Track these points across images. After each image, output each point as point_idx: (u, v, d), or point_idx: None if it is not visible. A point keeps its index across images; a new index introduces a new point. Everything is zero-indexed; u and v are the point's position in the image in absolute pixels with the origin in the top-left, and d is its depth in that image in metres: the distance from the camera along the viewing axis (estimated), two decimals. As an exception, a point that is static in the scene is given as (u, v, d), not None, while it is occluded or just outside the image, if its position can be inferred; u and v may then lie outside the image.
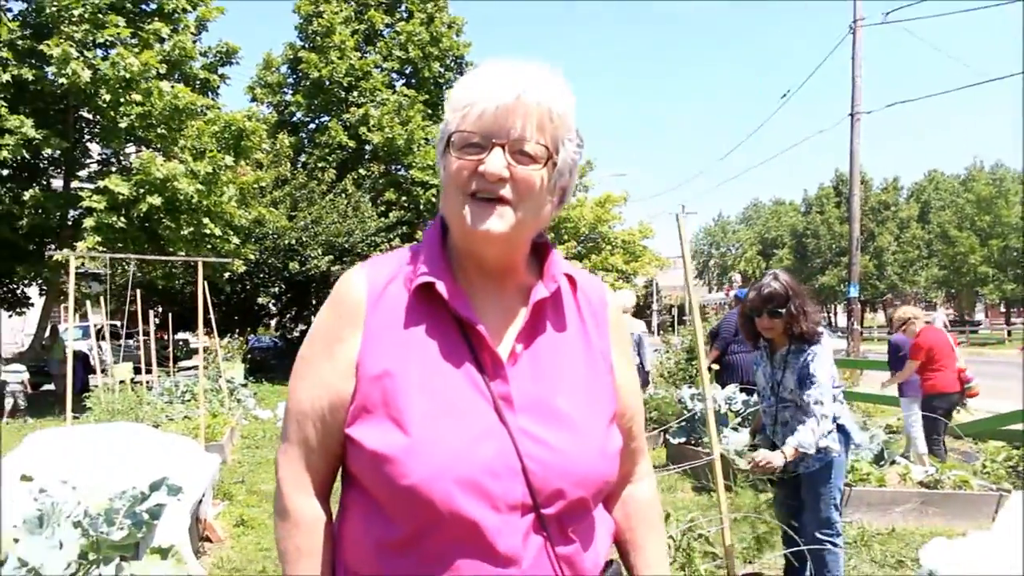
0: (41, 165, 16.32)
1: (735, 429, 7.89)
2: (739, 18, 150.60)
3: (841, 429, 4.14)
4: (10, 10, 14.80)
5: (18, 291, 19.10)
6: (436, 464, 1.16)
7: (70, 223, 15.47)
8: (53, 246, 15.66)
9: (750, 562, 4.91)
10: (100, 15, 13.94)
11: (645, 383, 9.47)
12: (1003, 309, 58.89)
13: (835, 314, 65.05)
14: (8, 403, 13.95)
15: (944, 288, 58.28)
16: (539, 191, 1.25)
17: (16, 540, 3.43)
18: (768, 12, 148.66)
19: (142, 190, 13.88)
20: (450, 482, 1.16)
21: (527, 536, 1.20)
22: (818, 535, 4.08)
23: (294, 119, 24.99)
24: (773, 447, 4.24)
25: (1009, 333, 46.19)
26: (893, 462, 6.94)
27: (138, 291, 13.81)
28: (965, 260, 48.80)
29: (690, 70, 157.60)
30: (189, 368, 18.25)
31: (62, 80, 13.22)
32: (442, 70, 25.22)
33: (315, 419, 1.30)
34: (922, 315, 8.59)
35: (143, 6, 16.14)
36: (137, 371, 13.06)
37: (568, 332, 1.36)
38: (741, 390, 8.57)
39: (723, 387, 8.66)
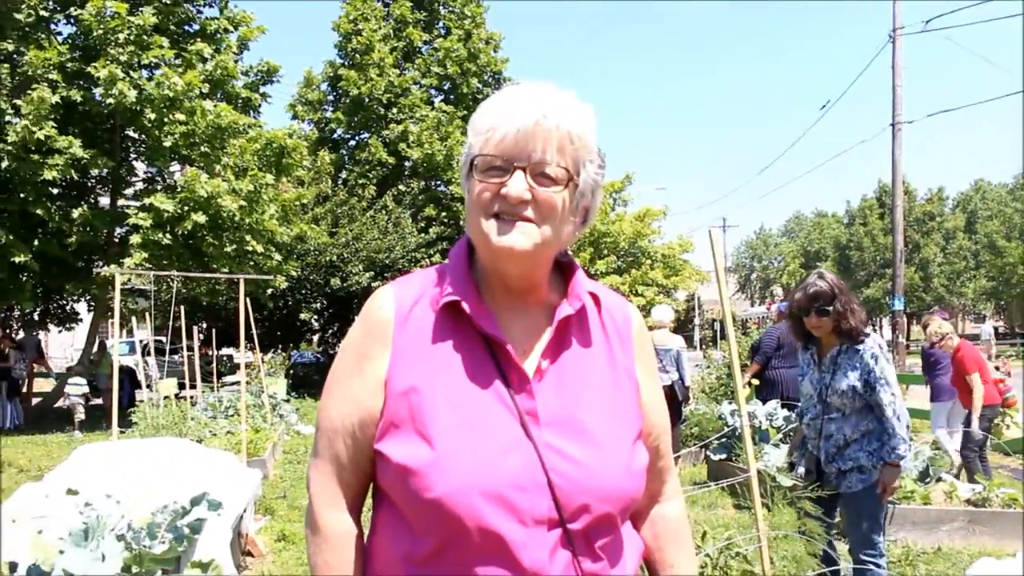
0: (89, 184, 16.66)
1: (776, 445, 7.80)
2: (777, 28, 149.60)
3: None
4: (60, 33, 15.20)
5: (67, 307, 19.50)
6: (461, 477, 1.18)
7: (117, 240, 15.77)
8: (101, 263, 15.98)
9: (790, 581, 4.85)
10: (145, 37, 14.24)
11: (686, 398, 9.40)
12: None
13: (880, 327, 64.13)
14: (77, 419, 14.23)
15: (993, 300, 57.15)
16: (561, 212, 1.28)
17: (61, 552, 3.50)
18: (807, 22, 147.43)
19: (187, 207, 14.13)
20: (476, 495, 1.17)
21: (554, 551, 1.21)
22: (862, 556, 4.02)
23: (334, 136, 25.27)
24: (817, 464, 4.23)
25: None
26: (939, 479, 6.81)
27: (182, 307, 14.04)
28: (1014, 271, 47.81)
29: (730, 81, 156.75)
30: (232, 383, 18.46)
31: (109, 100, 13.51)
32: (480, 86, 25.35)
33: (345, 435, 1.32)
34: (952, 334, 8.50)
35: (186, 27, 16.48)
36: (181, 386, 13.24)
37: (593, 349, 1.37)
38: (783, 406, 8.48)
39: (764, 403, 8.57)
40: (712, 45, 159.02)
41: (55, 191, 15.16)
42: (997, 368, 12.26)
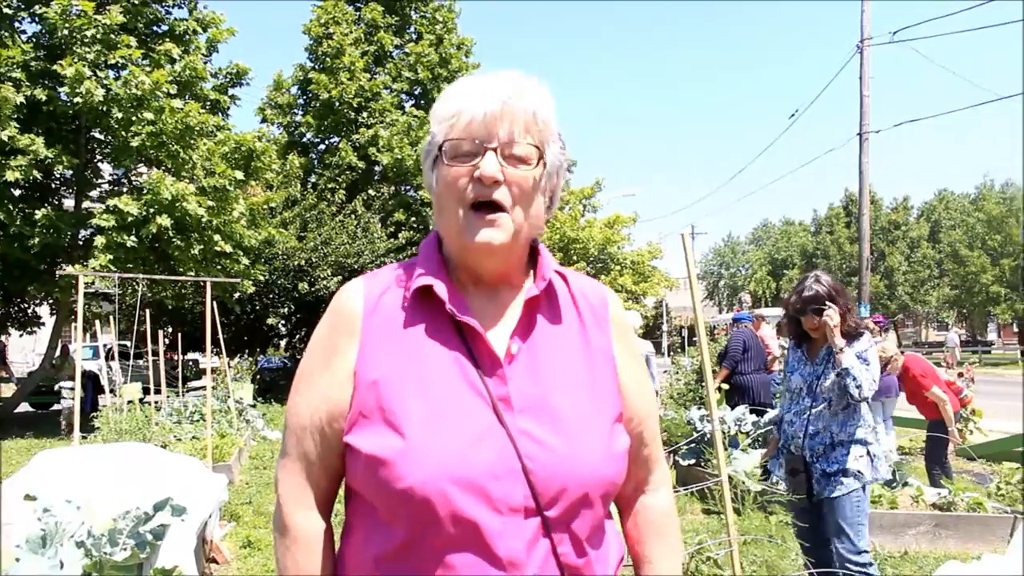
0: (53, 185, 16.38)
1: (745, 451, 7.83)
2: (748, 36, 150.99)
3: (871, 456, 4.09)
4: (24, 32, 14.94)
5: (29, 310, 19.15)
6: (433, 466, 1.15)
7: (81, 243, 15.53)
8: (64, 265, 15.73)
9: (760, 585, 4.84)
10: (112, 36, 14.03)
11: (654, 404, 9.41)
12: (1016, 329, 58.51)
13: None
14: (63, 421, 13.93)
15: (956, 308, 57.94)
16: (533, 192, 1.28)
17: (17, 559, 3.40)
18: (777, 31, 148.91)
19: (152, 210, 13.93)
20: (448, 484, 1.14)
21: (532, 542, 1.18)
22: (852, 566, 3.98)
23: (304, 140, 25.10)
24: (800, 465, 4.16)
25: (1022, 353, 45.83)
26: (906, 483, 6.87)
27: (147, 311, 13.84)
28: (977, 280, 48.56)
29: (698, 89, 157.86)
30: (198, 388, 18.23)
31: (76, 99, 13.30)
32: (451, 91, 25.26)
33: (314, 431, 1.30)
34: (892, 348, 8.54)
35: (154, 27, 16.25)
36: (146, 391, 13.06)
37: (565, 328, 1.35)
38: (751, 411, 8.52)
39: (732, 408, 8.61)
40: (683, 52, 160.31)
41: (17, 192, 14.89)
42: (960, 375, 12.41)
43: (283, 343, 25.50)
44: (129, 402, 11.37)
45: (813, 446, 4.10)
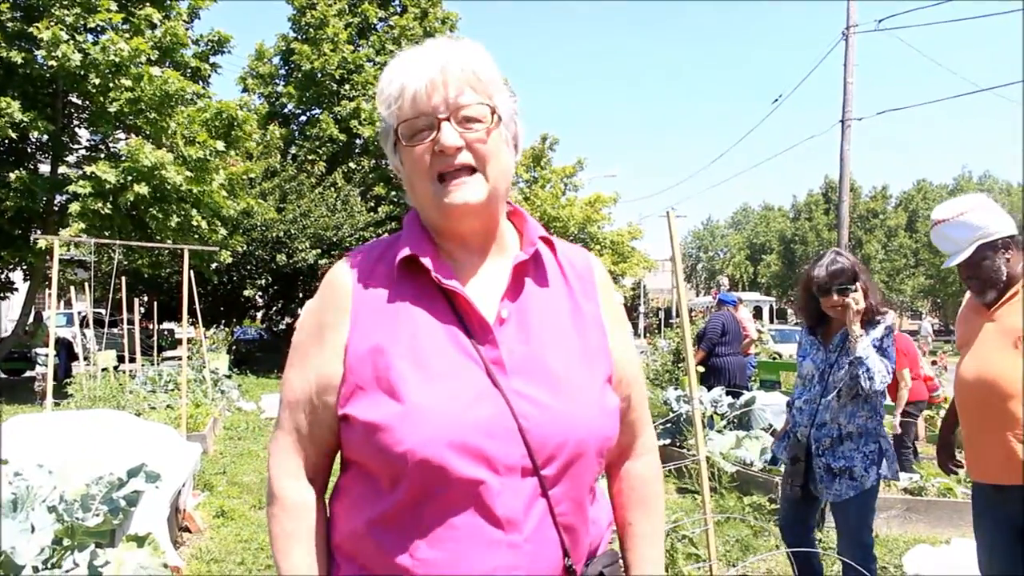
0: (28, 149, 16.11)
1: (720, 432, 7.89)
2: (733, 21, 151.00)
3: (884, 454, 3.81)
4: (0, -8, 14.66)
5: (2, 276, 18.92)
6: (431, 428, 1.16)
7: (56, 208, 15.32)
8: (39, 231, 15.51)
9: (733, 565, 4.89)
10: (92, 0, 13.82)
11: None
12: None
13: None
14: (38, 387, 13.74)
15: (930, 297, 58.56)
16: (496, 147, 1.28)
17: (-12, 524, 3.37)
18: (762, 15, 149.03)
19: (130, 177, 13.75)
20: (445, 445, 1.16)
21: (530, 501, 1.20)
22: (854, 561, 3.71)
23: (285, 111, 24.87)
24: (802, 454, 3.85)
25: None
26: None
27: (123, 279, 13.71)
28: (951, 270, 48.92)
29: (682, 72, 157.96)
30: (173, 358, 18.13)
31: (52, 63, 13.08)
32: (435, 66, 25.10)
33: (306, 404, 1.31)
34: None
35: (136, -9, 16.01)
36: (121, 359, 12.95)
37: (553, 292, 1.36)
38: (727, 393, 8.58)
39: (709, 390, 8.66)
40: (666, 36, 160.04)
41: (-9, 154, 14.68)
42: (934, 363, 12.52)
43: (260, 315, 25.38)
44: (103, 370, 11.28)
45: (819, 438, 3.81)
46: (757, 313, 32.82)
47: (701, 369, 9.07)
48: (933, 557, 5.07)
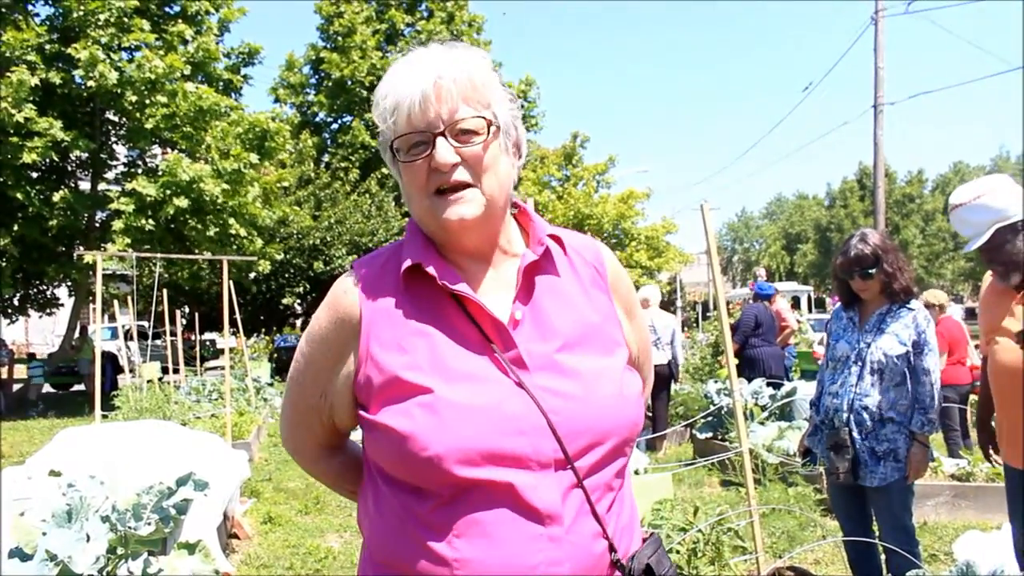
0: (69, 168, 16.48)
1: (762, 423, 7.83)
2: (761, 9, 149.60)
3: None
4: (38, 15, 14.99)
5: (48, 292, 19.30)
6: (460, 432, 1.17)
7: (98, 224, 15.62)
8: (81, 247, 15.82)
9: (780, 556, 4.86)
10: (125, 19, 14.07)
11: (675, 377, 9.41)
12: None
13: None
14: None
15: (971, 280, 57.59)
16: (493, 159, 1.28)
17: (44, 534, 3.45)
18: (790, 2, 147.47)
19: (169, 192, 14.00)
20: (476, 449, 1.17)
21: (566, 494, 1.21)
22: (898, 547, 3.62)
23: (317, 119, 25.11)
24: (845, 440, 3.72)
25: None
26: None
27: (165, 291, 13.92)
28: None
29: (711, 64, 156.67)
30: (216, 368, 18.36)
31: (90, 83, 13.36)
32: (463, 69, 25.21)
33: (311, 415, 1.42)
34: (948, 304, 8.38)
35: (167, 8, 16.29)
36: (164, 371, 13.16)
37: (564, 287, 1.37)
38: (767, 384, 8.51)
39: (749, 381, 8.60)
40: (694, 29, 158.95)
41: (35, 174, 14.99)
42: (977, 347, 12.28)
43: (299, 322, 25.62)
44: (148, 381, 11.46)
45: (861, 421, 3.68)
46: (795, 303, 32.46)
47: (735, 361, 9.02)
48: (985, 543, 4.99)
